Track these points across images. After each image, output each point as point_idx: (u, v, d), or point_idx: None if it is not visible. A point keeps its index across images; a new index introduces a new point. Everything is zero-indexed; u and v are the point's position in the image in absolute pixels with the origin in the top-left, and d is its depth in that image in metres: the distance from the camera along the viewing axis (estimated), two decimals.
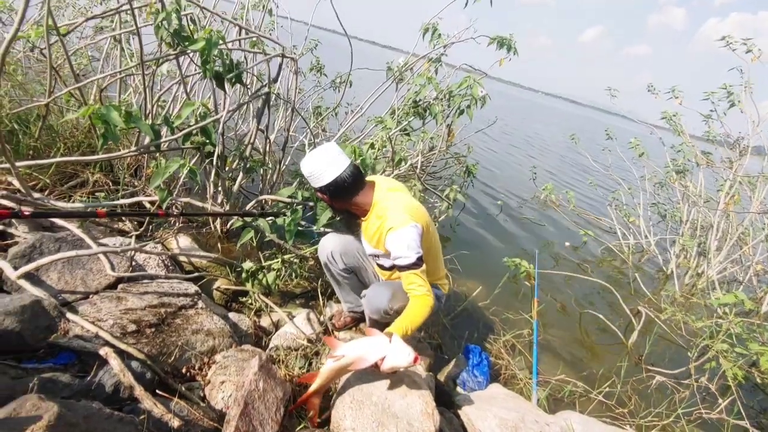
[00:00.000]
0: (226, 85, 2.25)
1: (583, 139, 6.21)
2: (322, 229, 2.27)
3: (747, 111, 4.01)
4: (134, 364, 1.33)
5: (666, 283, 4.34)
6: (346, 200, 1.72)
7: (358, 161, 2.45)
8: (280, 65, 2.64)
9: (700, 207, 4.62)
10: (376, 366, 1.42)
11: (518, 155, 10.75)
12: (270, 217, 2.28)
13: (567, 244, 4.97)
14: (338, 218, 2.03)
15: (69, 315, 1.42)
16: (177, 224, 2.51)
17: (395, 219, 1.60)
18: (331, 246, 1.92)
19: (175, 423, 1.19)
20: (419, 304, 1.58)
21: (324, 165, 1.62)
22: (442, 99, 3.08)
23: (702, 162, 4.51)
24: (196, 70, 2.84)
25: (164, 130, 2.37)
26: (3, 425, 0.76)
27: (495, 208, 5.60)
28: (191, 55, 2.52)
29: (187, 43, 1.99)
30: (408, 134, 3.23)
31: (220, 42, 2.02)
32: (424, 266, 1.61)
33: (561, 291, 3.66)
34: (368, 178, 1.81)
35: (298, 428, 1.40)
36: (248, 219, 2.31)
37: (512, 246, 4.49)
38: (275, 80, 2.63)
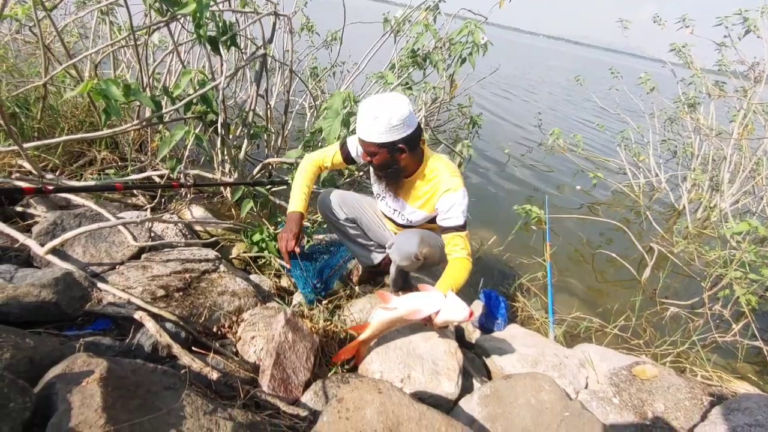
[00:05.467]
0: (222, 50, 2.19)
1: (588, 81, 6.01)
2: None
3: (763, 36, 3.82)
4: (168, 325, 1.40)
5: (678, 219, 4.33)
6: (418, 152, 1.63)
7: None
8: (274, 24, 2.56)
9: (712, 139, 4.52)
10: (428, 319, 1.44)
11: (522, 102, 10.48)
12: (281, 186, 2.28)
13: (578, 187, 4.94)
14: (382, 182, 1.76)
15: (100, 284, 1.47)
16: (189, 196, 2.53)
17: (450, 182, 1.61)
18: (329, 199, 1.93)
19: (214, 375, 1.26)
20: (461, 267, 1.59)
21: (410, 110, 1.50)
22: (441, 47, 2.97)
23: (714, 93, 4.36)
24: (188, 37, 2.77)
25: (164, 101, 2.34)
26: (61, 380, 0.82)
27: (502, 156, 5.54)
28: (182, 21, 2.44)
29: (176, 8, 1.93)
30: (410, 88, 3.15)
31: (211, 3, 1.95)
32: (468, 231, 1.64)
33: (573, 234, 3.68)
34: None
35: (330, 374, 1.47)
36: (248, 188, 2.32)
37: (522, 193, 4.49)
38: (270, 41, 2.55)
